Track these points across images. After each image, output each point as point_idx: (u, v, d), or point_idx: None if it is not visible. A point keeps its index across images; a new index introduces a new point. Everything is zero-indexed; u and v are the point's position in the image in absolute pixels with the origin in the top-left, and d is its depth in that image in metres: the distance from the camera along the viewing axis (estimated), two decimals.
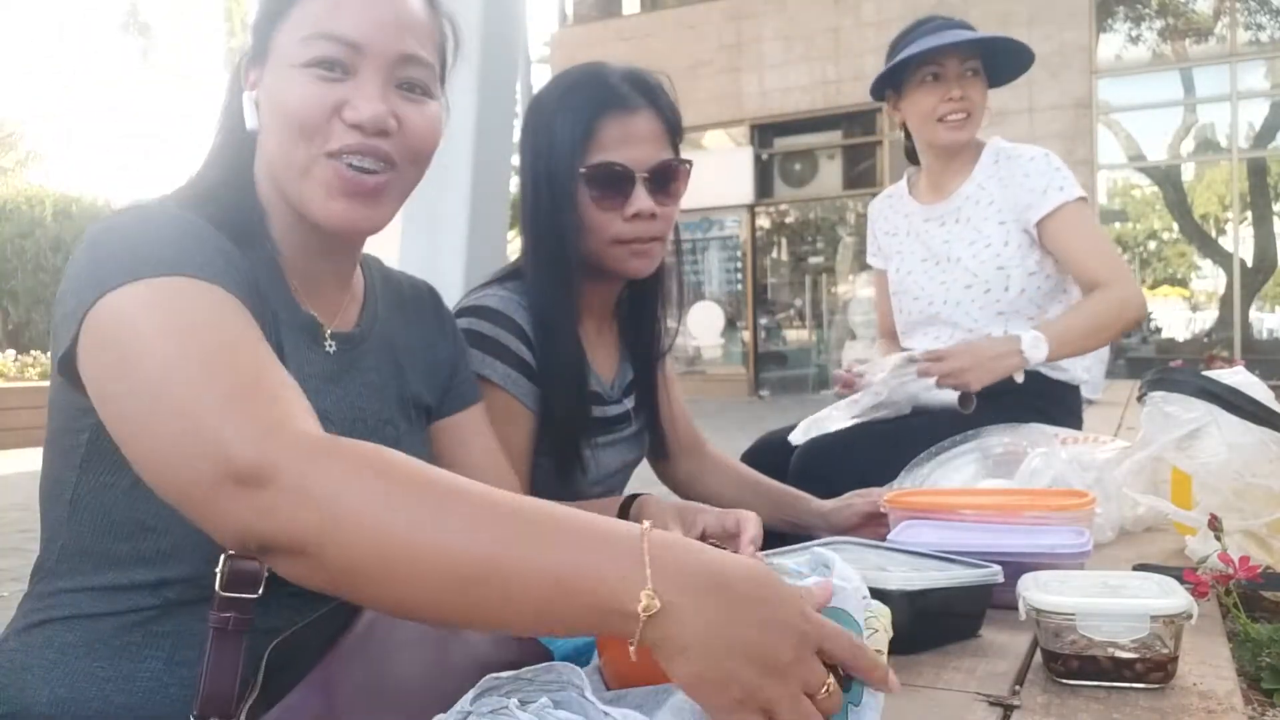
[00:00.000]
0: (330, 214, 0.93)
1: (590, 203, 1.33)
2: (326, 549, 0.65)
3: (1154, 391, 1.37)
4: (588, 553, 0.63)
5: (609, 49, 13.96)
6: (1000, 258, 2.12)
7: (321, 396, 0.94)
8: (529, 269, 1.40)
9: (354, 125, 0.91)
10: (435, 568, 0.64)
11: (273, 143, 0.94)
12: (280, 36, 0.94)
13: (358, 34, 0.92)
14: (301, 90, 0.91)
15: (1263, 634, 0.94)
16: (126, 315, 0.76)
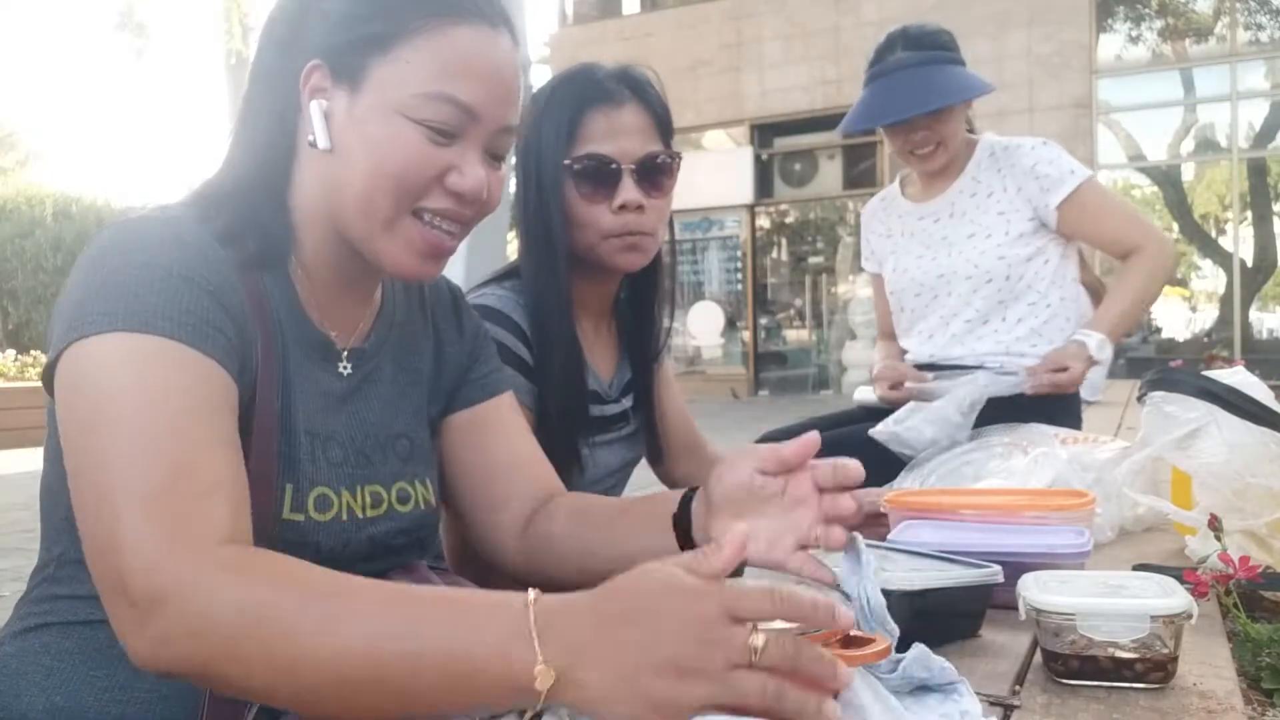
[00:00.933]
0: (403, 268, 0.92)
1: (578, 196, 1.34)
2: (224, 675, 0.68)
3: (1154, 391, 1.37)
4: (478, 634, 0.64)
5: (609, 49, 13.95)
6: (1000, 247, 2.13)
7: (331, 417, 0.94)
8: (526, 268, 1.40)
9: (455, 193, 0.91)
10: (334, 676, 0.66)
11: (356, 181, 0.89)
12: (385, 71, 0.89)
13: (479, 104, 0.90)
14: (413, 148, 0.89)
15: (1263, 634, 0.94)
16: (94, 371, 0.77)
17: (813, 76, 13.27)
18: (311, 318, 0.95)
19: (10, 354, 11.38)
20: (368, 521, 0.94)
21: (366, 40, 0.89)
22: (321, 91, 0.91)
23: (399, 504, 0.98)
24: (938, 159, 2.15)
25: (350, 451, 0.95)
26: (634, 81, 1.38)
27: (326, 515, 0.90)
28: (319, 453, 0.92)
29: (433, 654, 0.65)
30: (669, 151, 1.38)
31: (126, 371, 0.76)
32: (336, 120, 0.90)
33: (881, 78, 2.12)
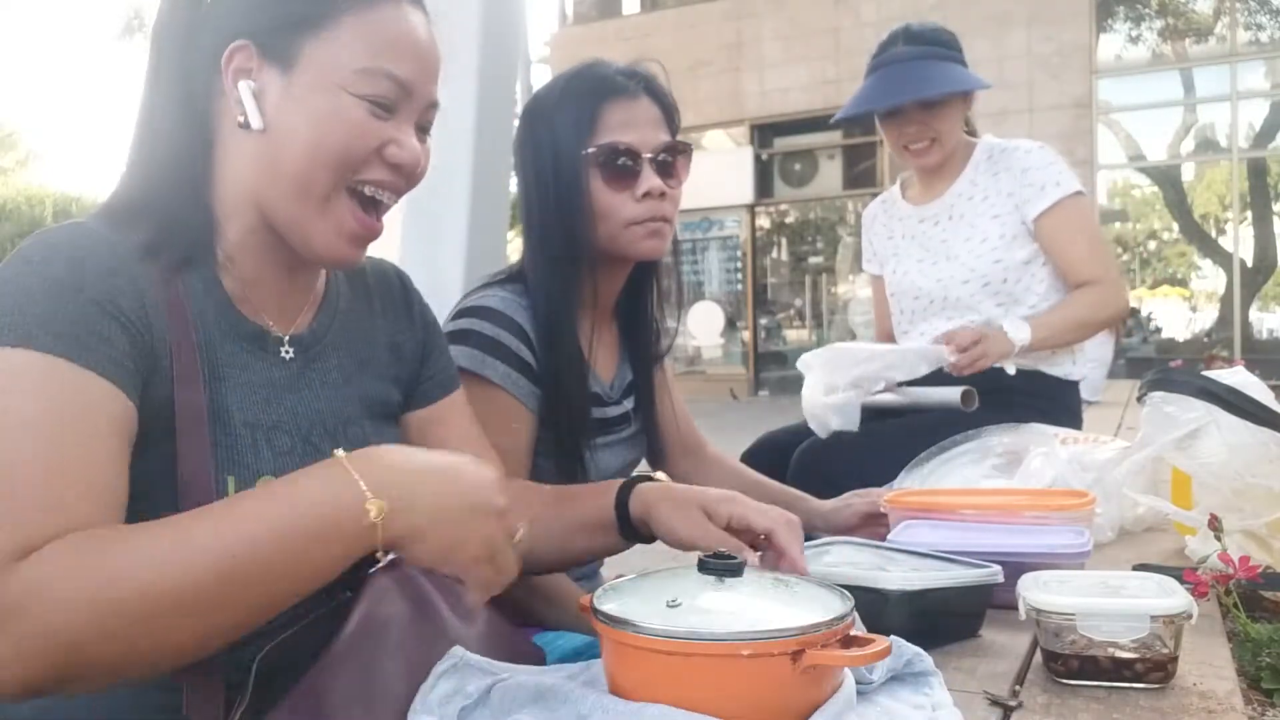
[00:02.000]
0: (333, 252, 0.94)
1: (601, 185, 1.36)
2: (88, 663, 0.69)
3: (1154, 392, 1.37)
4: (306, 494, 0.74)
5: (609, 49, 13.95)
6: (996, 251, 2.13)
7: (274, 407, 0.93)
8: (532, 268, 1.40)
9: (394, 165, 0.94)
10: (187, 597, 0.70)
11: (295, 158, 0.90)
12: (319, 49, 0.91)
13: (412, 78, 0.93)
14: (356, 122, 0.91)
15: (1263, 634, 0.94)
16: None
17: (813, 76, 13.27)
18: (241, 310, 0.94)
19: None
20: None
21: (297, 20, 0.91)
22: (246, 72, 0.91)
23: None
24: (932, 155, 2.16)
25: (297, 440, 0.94)
26: (644, 76, 1.41)
27: None
28: (262, 443, 0.91)
29: (271, 526, 0.72)
30: (682, 142, 1.41)
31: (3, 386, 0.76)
32: (269, 100, 0.90)
33: (878, 70, 2.14)
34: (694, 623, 0.71)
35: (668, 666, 0.69)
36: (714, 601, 0.75)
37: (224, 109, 0.92)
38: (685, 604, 0.74)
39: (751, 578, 0.79)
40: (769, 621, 0.70)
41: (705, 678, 0.69)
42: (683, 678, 0.69)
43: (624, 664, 0.73)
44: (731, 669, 0.68)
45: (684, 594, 0.75)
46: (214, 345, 0.91)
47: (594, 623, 0.74)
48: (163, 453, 0.84)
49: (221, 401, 0.89)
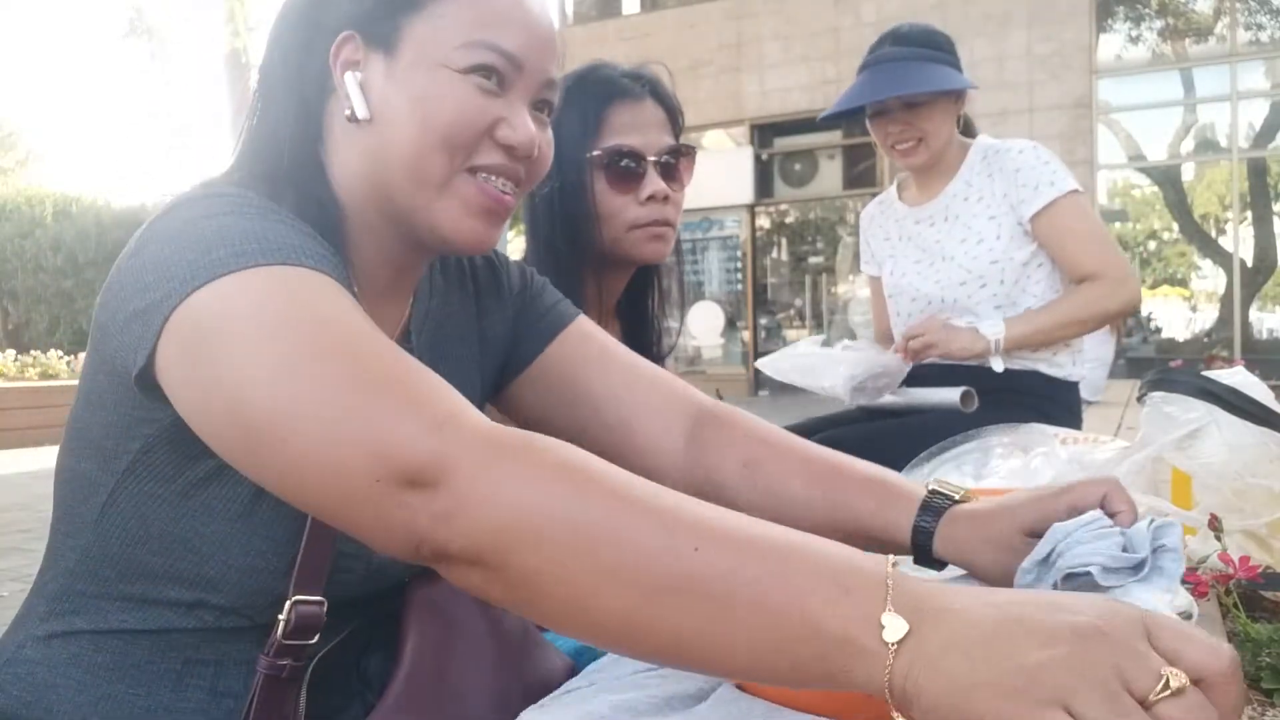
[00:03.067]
0: (462, 231, 0.86)
1: (606, 188, 1.36)
2: (510, 558, 0.58)
3: (1154, 392, 1.37)
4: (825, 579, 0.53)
5: (609, 49, 13.95)
6: (993, 251, 2.13)
7: None
8: (538, 265, 1.40)
9: (507, 146, 0.86)
10: (633, 581, 0.56)
11: (404, 143, 0.84)
12: (421, 29, 0.84)
13: (521, 50, 0.86)
14: (461, 99, 0.84)
15: (1263, 634, 0.94)
16: (237, 306, 0.67)
17: (813, 76, 13.28)
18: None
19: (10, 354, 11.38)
20: None
21: (397, 1, 0.85)
22: (354, 64, 0.86)
23: None
24: (919, 155, 2.16)
25: None
26: (649, 79, 1.42)
27: None
28: None
29: (777, 601, 0.53)
30: (687, 145, 1.41)
31: (297, 293, 0.68)
32: (374, 88, 0.85)
33: (865, 70, 2.15)
34: None
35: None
36: None
37: (335, 107, 0.87)
38: None
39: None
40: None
41: None
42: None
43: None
44: None
45: None
46: None
47: None
48: None
49: None
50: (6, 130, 24.40)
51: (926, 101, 2.11)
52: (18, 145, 24.72)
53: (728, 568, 0.54)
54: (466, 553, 0.59)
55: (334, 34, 0.86)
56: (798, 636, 0.52)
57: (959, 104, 2.20)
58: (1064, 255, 2.09)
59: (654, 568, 0.55)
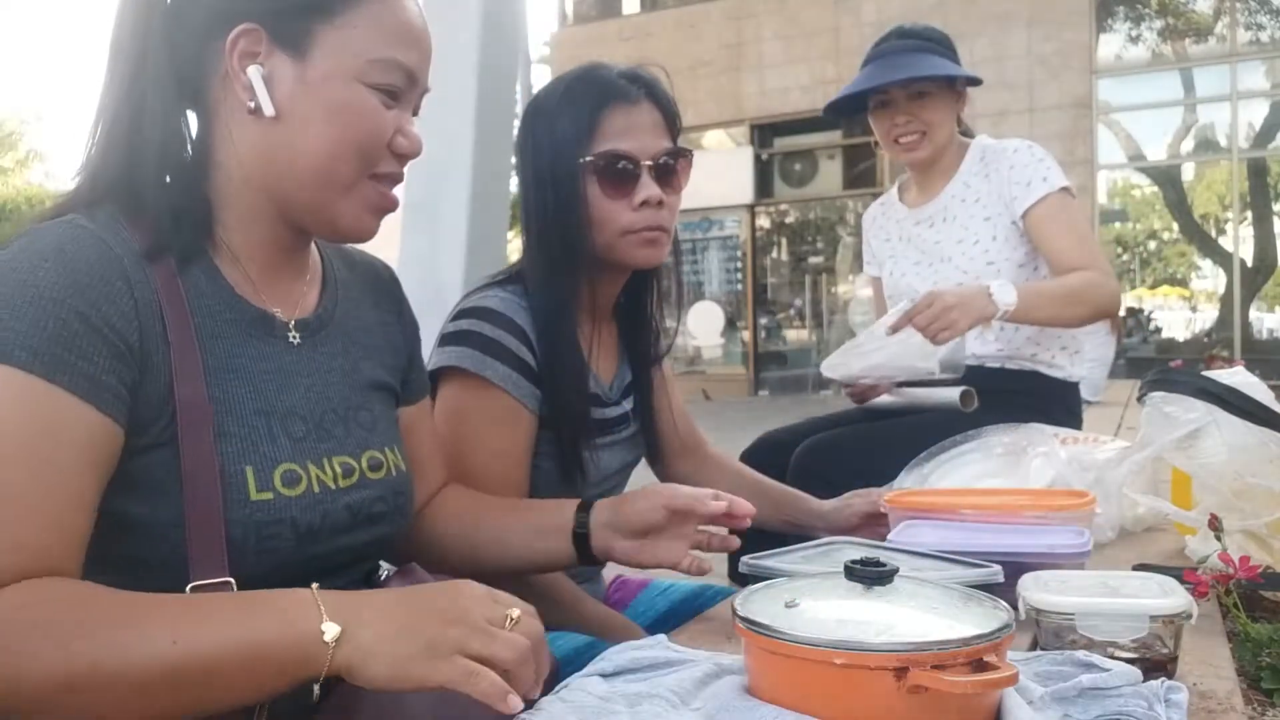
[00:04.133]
0: (359, 228, 0.96)
1: (598, 193, 1.34)
2: (14, 710, 0.69)
3: (1154, 392, 1.37)
4: (266, 611, 0.74)
5: (609, 49, 13.95)
6: (989, 253, 2.13)
7: (287, 393, 0.93)
8: (531, 270, 1.39)
9: (400, 155, 0.95)
10: (130, 684, 0.69)
11: (315, 148, 0.90)
12: (332, 37, 0.90)
13: (416, 66, 0.94)
14: (372, 113, 0.92)
15: (1263, 634, 0.94)
16: None
17: (813, 76, 13.27)
18: (245, 297, 0.93)
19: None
20: (342, 491, 0.93)
21: (309, 6, 0.89)
22: (254, 56, 0.89)
23: (371, 471, 0.97)
24: (922, 149, 2.15)
25: (311, 425, 0.93)
26: (647, 80, 1.39)
27: (296, 490, 0.89)
28: (278, 430, 0.90)
29: (226, 637, 0.71)
30: (683, 149, 1.40)
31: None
32: (281, 86, 0.89)
33: (869, 63, 2.15)
34: (796, 625, 0.69)
35: (775, 666, 0.69)
36: (840, 608, 0.73)
37: (226, 92, 0.90)
38: (804, 605, 0.73)
39: (910, 587, 0.75)
40: (880, 634, 0.67)
41: (805, 682, 0.68)
42: (791, 680, 0.69)
43: (748, 657, 0.75)
44: (826, 677, 0.66)
45: (814, 596, 0.74)
46: (220, 336, 0.89)
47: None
48: (172, 451, 0.83)
49: (232, 392, 0.88)
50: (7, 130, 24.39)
51: (930, 92, 2.11)
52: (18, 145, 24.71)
53: (203, 645, 0.71)
54: None
55: (232, 21, 0.88)
56: (264, 671, 0.72)
57: (960, 102, 2.20)
58: (1051, 249, 2.07)
59: (149, 667, 0.70)
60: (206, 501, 0.82)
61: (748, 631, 0.71)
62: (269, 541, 0.86)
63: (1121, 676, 0.76)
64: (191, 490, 0.82)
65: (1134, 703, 0.74)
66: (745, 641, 0.73)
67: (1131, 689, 0.76)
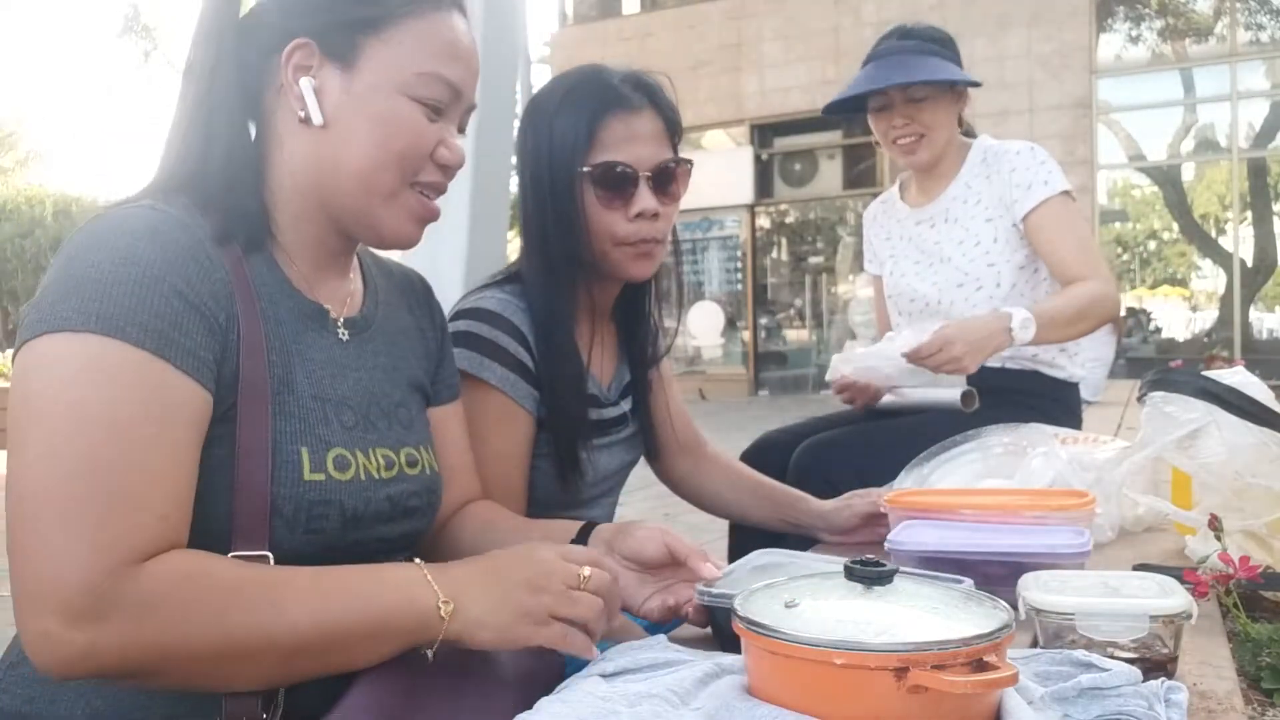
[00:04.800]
0: (401, 235, 0.99)
1: (594, 202, 1.33)
2: (167, 673, 0.76)
3: (1154, 392, 1.37)
4: (386, 589, 0.82)
5: (609, 49, 13.96)
6: (990, 254, 2.13)
7: (339, 382, 0.96)
8: (529, 272, 1.39)
9: (444, 166, 0.99)
10: (271, 655, 0.78)
11: (358, 156, 0.95)
12: (379, 51, 0.95)
13: (461, 82, 0.98)
14: (414, 124, 0.96)
15: (1263, 634, 0.94)
16: (54, 369, 0.78)
17: (813, 76, 13.27)
18: (301, 290, 0.97)
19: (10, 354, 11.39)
20: (384, 482, 0.96)
21: (358, 21, 0.94)
22: (307, 69, 0.94)
23: (409, 467, 1.01)
24: (920, 152, 2.15)
25: (359, 415, 0.97)
26: (648, 87, 1.37)
27: (346, 475, 0.92)
28: (332, 416, 0.93)
29: (356, 612, 0.80)
30: (682, 159, 1.38)
31: (84, 377, 0.77)
32: (330, 97, 0.94)
33: (868, 63, 2.14)
34: (796, 625, 0.69)
35: (775, 666, 0.69)
36: (840, 608, 0.72)
37: (280, 103, 0.96)
38: (804, 605, 0.72)
39: (910, 587, 0.75)
40: (880, 634, 0.67)
41: (805, 682, 0.68)
42: (791, 680, 0.69)
43: (748, 657, 0.75)
44: (826, 677, 0.66)
45: (814, 596, 0.74)
46: (281, 322, 0.93)
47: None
48: (231, 426, 0.86)
49: (291, 374, 0.92)
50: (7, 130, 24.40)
51: (929, 95, 2.11)
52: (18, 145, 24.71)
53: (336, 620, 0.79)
54: (122, 674, 0.75)
55: (289, 37, 0.94)
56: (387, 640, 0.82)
57: (960, 103, 2.19)
58: (1052, 254, 2.07)
59: (287, 641, 0.78)
60: (258, 476, 0.86)
61: (748, 631, 0.71)
62: (317, 522, 0.89)
63: (1121, 676, 0.76)
64: (246, 464, 0.85)
65: (1134, 703, 0.74)
66: (745, 641, 0.73)
67: (1131, 689, 0.76)
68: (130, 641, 0.73)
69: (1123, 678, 0.76)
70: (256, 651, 0.77)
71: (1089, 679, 0.76)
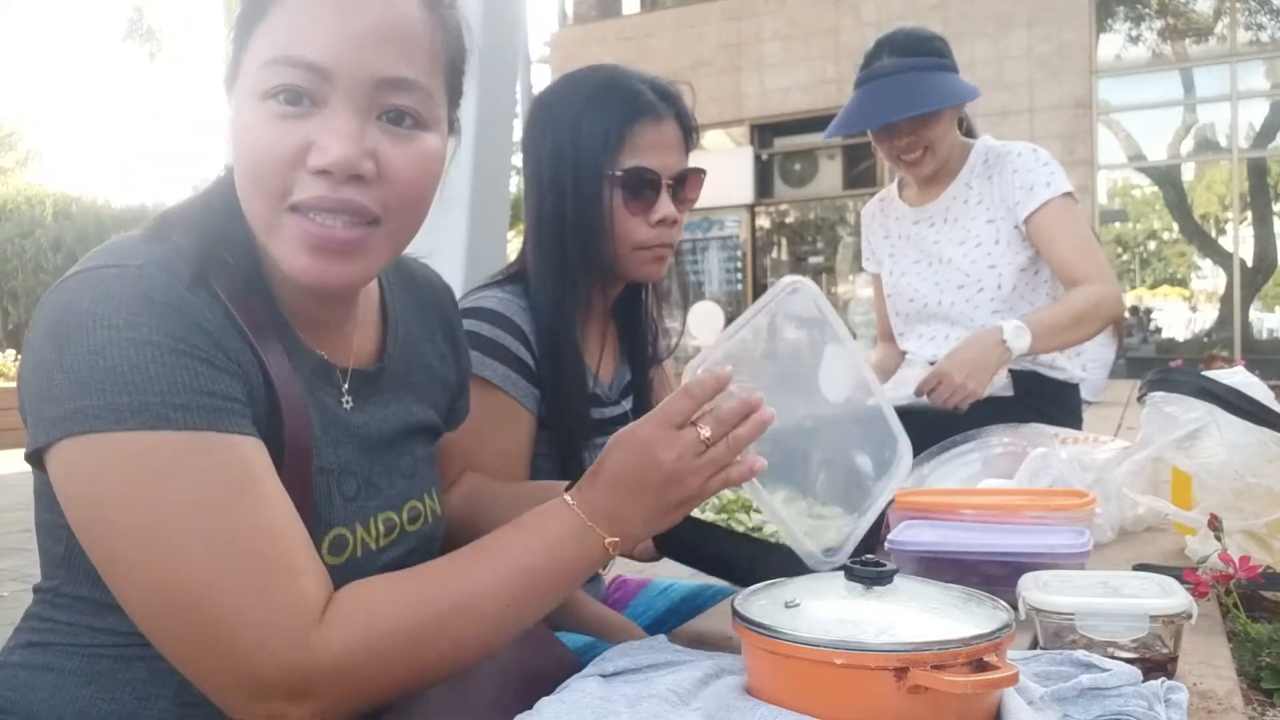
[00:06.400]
0: (298, 270, 0.79)
1: (620, 206, 1.35)
2: (376, 703, 0.77)
3: (1154, 392, 1.37)
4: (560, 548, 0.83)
5: (609, 49, 13.95)
6: (991, 256, 2.12)
7: (341, 448, 0.87)
8: (537, 272, 1.39)
9: (319, 171, 0.76)
10: (469, 646, 0.79)
11: (239, 186, 0.80)
12: (250, 51, 0.79)
13: (326, 56, 0.75)
14: (262, 130, 0.76)
15: (1263, 634, 0.94)
16: (122, 475, 0.71)
17: (813, 76, 13.27)
18: (304, 342, 0.86)
19: (10, 354, 11.37)
20: (382, 550, 0.89)
21: (242, 24, 0.80)
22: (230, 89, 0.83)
23: (410, 524, 0.94)
24: (926, 165, 2.15)
25: (361, 480, 0.89)
26: (672, 96, 1.41)
27: (341, 558, 0.85)
28: (334, 490, 0.86)
29: (535, 581, 0.81)
30: (698, 168, 1.43)
31: (163, 474, 0.71)
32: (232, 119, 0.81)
33: (865, 84, 2.12)
34: (796, 625, 0.69)
35: (775, 666, 0.69)
36: (840, 608, 0.73)
37: None
38: (804, 605, 0.73)
39: (910, 587, 0.75)
40: (880, 634, 0.67)
41: (805, 682, 0.68)
42: (791, 680, 0.69)
43: (748, 657, 0.75)
44: (826, 677, 0.66)
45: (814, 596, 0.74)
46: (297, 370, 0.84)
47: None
48: None
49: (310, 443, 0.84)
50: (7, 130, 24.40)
51: (932, 112, 2.10)
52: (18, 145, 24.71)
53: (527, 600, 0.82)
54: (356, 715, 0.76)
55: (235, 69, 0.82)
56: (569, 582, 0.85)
57: (960, 108, 2.19)
58: (1054, 258, 2.07)
59: (485, 627, 0.79)
60: None
61: (748, 631, 0.71)
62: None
63: (1121, 676, 0.76)
64: None
65: (1134, 703, 0.74)
66: (745, 641, 0.73)
67: (1131, 689, 0.76)
68: (340, 699, 0.74)
69: (1123, 678, 0.76)
70: (455, 650, 0.78)
71: (1089, 679, 0.76)
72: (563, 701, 0.77)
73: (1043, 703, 0.74)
